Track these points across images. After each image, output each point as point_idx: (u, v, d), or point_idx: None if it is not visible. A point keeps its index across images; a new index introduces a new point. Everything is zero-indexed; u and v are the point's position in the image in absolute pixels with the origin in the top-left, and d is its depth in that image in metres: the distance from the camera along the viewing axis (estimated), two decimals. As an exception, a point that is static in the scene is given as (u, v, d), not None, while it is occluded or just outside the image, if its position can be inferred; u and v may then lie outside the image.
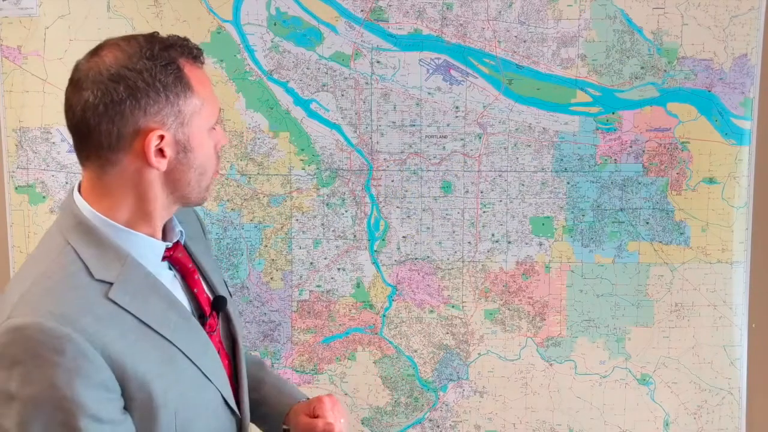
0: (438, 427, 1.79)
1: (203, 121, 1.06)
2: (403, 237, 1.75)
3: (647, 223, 1.73)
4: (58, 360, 0.92)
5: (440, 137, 1.72)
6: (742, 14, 1.67)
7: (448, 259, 1.75)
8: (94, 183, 1.04)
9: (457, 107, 1.71)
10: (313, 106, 1.71)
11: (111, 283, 1.00)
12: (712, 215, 1.72)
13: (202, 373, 1.09)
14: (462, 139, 1.72)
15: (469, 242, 1.75)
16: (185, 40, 1.07)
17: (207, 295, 1.19)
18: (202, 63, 1.09)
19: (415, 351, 1.77)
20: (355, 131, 1.72)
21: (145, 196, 1.05)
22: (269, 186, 1.73)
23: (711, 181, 1.72)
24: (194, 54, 1.06)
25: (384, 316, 1.76)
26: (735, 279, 1.74)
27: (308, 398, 1.34)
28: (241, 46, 1.69)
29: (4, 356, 0.93)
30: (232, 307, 1.25)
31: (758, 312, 1.76)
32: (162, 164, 1.02)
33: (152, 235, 1.08)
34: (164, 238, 1.12)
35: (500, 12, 1.69)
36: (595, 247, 1.74)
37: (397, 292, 1.76)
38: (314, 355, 1.78)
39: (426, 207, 1.74)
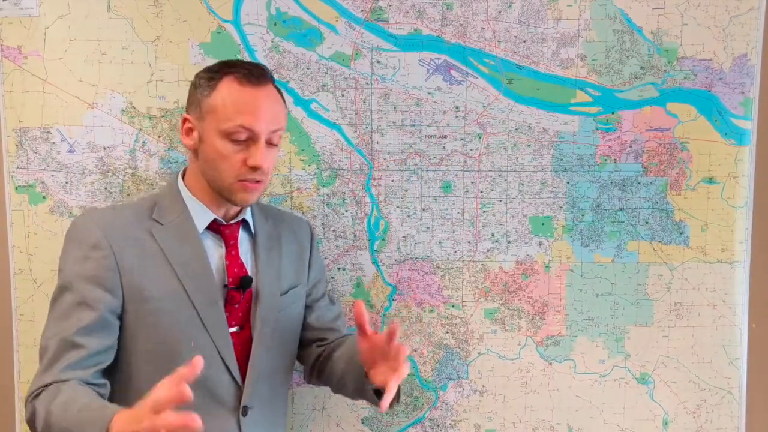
0: (438, 426, 1.79)
1: (215, 122, 1.32)
2: (403, 237, 1.75)
3: (647, 222, 1.74)
4: (86, 250, 1.32)
5: (440, 137, 1.72)
6: (741, 14, 1.67)
7: (448, 258, 1.75)
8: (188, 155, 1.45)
9: (457, 107, 1.71)
10: (313, 106, 1.71)
11: (161, 224, 1.37)
12: (711, 215, 1.73)
13: (202, 321, 1.35)
14: (462, 139, 1.72)
15: (469, 242, 1.75)
16: (252, 66, 1.37)
17: (240, 271, 1.41)
18: (252, 85, 1.33)
19: (415, 350, 1.77)
20: (355, 131, 1.72)
21: (195, 172, 1.39)
22: (269, 186, 1.73)
23: (711, 181, 1.72)
24: (243, 74, 1.33)
25: (384, 315, 1.76)
26: (735, 279, 1.74)
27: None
28: (242, 46, 1.69)
29: (67, 237, 1.37)
30: (272, 299, 1.46)
31: (758, 312, 1.77)
32: (187, 141, 1.37)
33: (208, 207, 1.39)
34: (229, 218, 1.43)
35: (500, 12, 1.69)
36: (595, 246, 1.74)
37: (397, 292, 1.76)
38: (314, 354, 1.78)
39: (426, 207, 1.74)
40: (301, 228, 1.60)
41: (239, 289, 1.40)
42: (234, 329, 1.40)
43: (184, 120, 1.37)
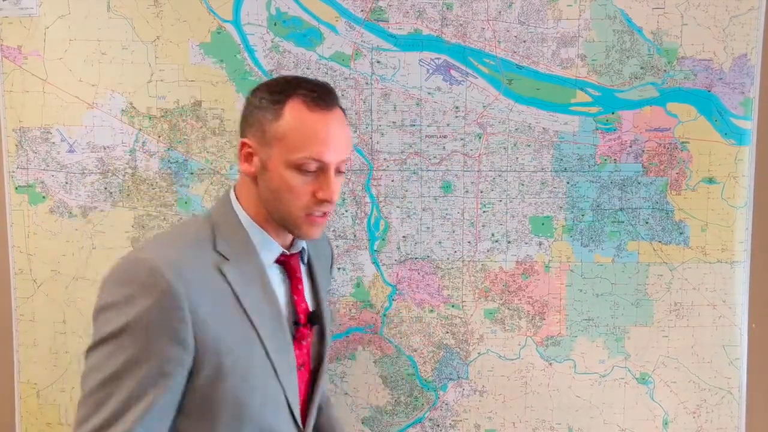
0: (438, 426, 1.79)
1: (283, 152, 1.18)
2: (403, 237, 1.75)
3: (647, 222, 1.73)
4: (156, 297, 1.08)
5: (440, 137, 1.72)
6: (741, 14, 1.67)
7: (448, 258, 1.75)
8: (239, 181, 1.27)
9: (457, 107, 1.71)
10: (313, 106, 1.71)
11: (227, 259, 1.18)
12: (711, 215, 1.73)
13: (273, 368, 1.20)
14: (462, 139, 1.72)
15: (469, 242, 1.75)
16: (318, 86, 1.21)
17: (307, 306, 1.31)
18: (321, 109, 1.19)
19: (415, 350, 1.77)
20: (355, 131, 1.72)
21: (253, 198, 1.24)
22: (269, 186, 1.73)
23: (711, 181, 1.72)
24: (312, 97, 1.18)
25: (384, 315, 1.76)
26: (735, 279, 1.74)
27: None
28: (242, 46, 1.69)
29: (121, 277, 1.12)
30: (327, 331, 1.37)
31: (758, 312, 1.77)
32: (246, 168, 1.22)
33: (274, 238, 1.25)
34: (288, 248, 1.28)
35: (500, 12, 1.69)
36: (595, 246, 1.74)
37: (397, 292, 1.76)
38: (314, 354, 1.78)
39: (426, 207, 1.74)
40: (325, 245, 1.51)
41: (307, 326, 1.29)
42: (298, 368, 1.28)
43: (243, 145, 1.21)
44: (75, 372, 1.77)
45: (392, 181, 1.73)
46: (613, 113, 1.71)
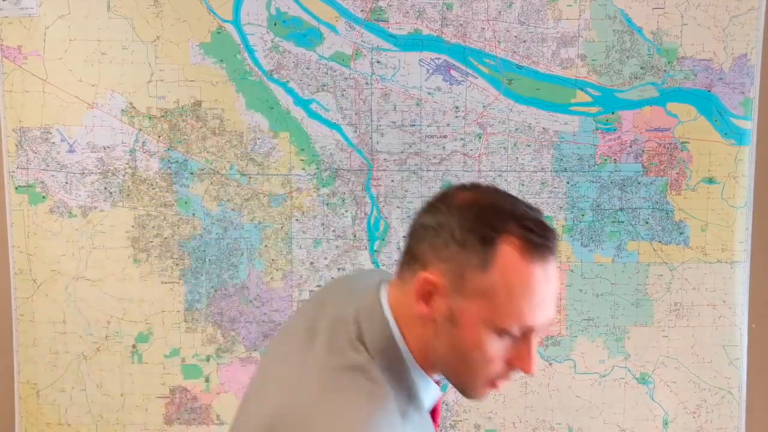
0: (438, 426, 1.79)
1: (487, 311, 0.91)
2: (403, 237, 1.75)
3: (647, 222, 1.73)
4: None
5: (440, 137, 1.72)
6: (741, 14, 1.67)
7: (448, 258, 1.75)
8: (399, 295, 0.97)
9: (457, 107, 1.71)
10: (313, 106, 1.71)
11: (404, 418, 0.95)
12: (711, 215, 1.73)
13: None
14: (462, 139, 1.72)
15: (469, 242, 1.74)
16: (536, 220, 0.92)
17: None
18: (541, 257, 0.91)
19: (415, 350, 1.77)
20: (355, 131, 1.72)
21: (422, 340, 0.96)
22: (269, 186, 1.73)
23: (711, 181, 1.72)
24: (529, 239, 0.90)
25: (384, 315, 1.76)
26: (735, 279, 1.74)
27: None
28: (242, 46, 1.69)
29: None
30: None
31: (758, 312, 1.77)
32: (421, 309, 0.94)
33: (432, 379, 1.01)
34: None
35: (500, 12, 1.69)
36: (595, 246, 1.74)
37: (397, 292, 1.76)
38: (314, 354, 1.77)
39: (426, 207, 1.74)
40: None
41: None
42: None
43: (426, 282, 0.92)
44: (75, 372, 1.77)
45: (392, 181, 1.73)
46: (613, 113, 1.71)
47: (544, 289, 0.91)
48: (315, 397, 0.91)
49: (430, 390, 1.00)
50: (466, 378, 0.96)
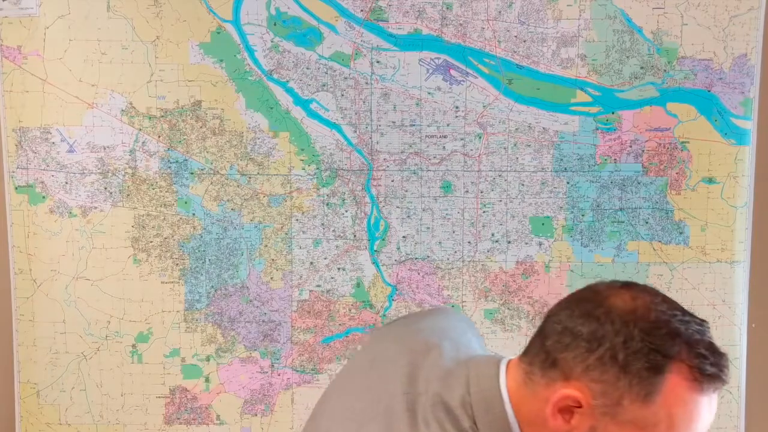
0: None
1: None
2: (403, 237, 1.75)
3: (647, 222, 1.73)
4: None
5: (440, 137, 1.72)
6: (741, 14, 1.67)
7: (448, 258, 1.75)
8: (522, 391, 0.89)
9: (457, 107, 1.71)
10: (313, 106, 1.71)
11: None
12: (711, 215, 1.72)
13: None
14: (462, 139, 1.72)
15: (469, 242, 1.75)
16: (713, 351, 0.84)
17: None
18: (712, 388, 0.83)
19: (415, 350, 1.77)
20: (355, 131, 1.72)
21: None
22: (269, 186, 1.73)
23: (711, 180, 1.72)
24: (705, 373, 0.81)
25: (384, 315, 1.76)
26: (735, 279, 1.74)
27: None
28: (241, 46, 1.69)
29: None
30: None
31: (758, 312, 1.77)
32: (558, 424, 0.85)
33: None
34: None
35: (500, 12, 1.69)
36: (595, 246, 1.74)
37: (397, 292, 1.76)
38: (314, 354, 1.78)
39: (426, 207, 1.74)
40: None
41: None
42: None
43: (571, 398, 0.84)
44: (75, 372, 1.77)
45: (392, 181, 1.73)
46: (613, 113, 1.71)
47: (707, 421, 0.84)
48: None
49: None
50: None
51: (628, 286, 0.89)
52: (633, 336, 0.81)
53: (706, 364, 0.81)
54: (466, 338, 1.06)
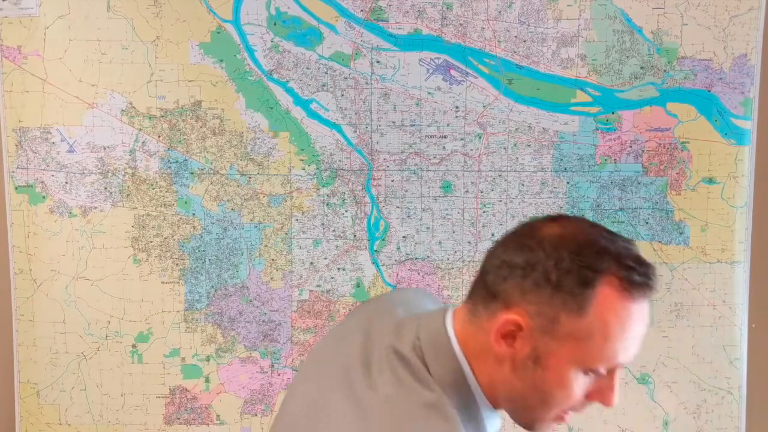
0: None
1: (578, 354, 0.87)
2: (403, 237, 1.75)
3: (647, 222, 1.73)
4: None
5: (440, 137, 1.72)
6: (741, 14, 1.67)
7: (448, 258, 1.75)
8: (467, 321, 0.94)
9: (457, 107, 1.71)
10: (313, 106, 1.71)
11: None
12: (711, 215, 1.72)
13: None
14: (462, 139, 1.72)
15: (469, 242, 1.75)
16: (643, 265, 0.88)
17: None
18: (641, 296, 0.88)
19: (415, 351, 1.77)
20: (355, 131, 1.72)
21: (494, 376, 0.93)
22: (269, 186, 1.73)
23: (711, 181, 1.72)
24: (631, 280, 0.86)
25: (384, 315, 1.76)
26: (735, 279, 1.74)
27: None
28: (241, 46, 1.69)
29: None
30: None
31: (758, 312, 1.77)
32: (501, 347, 0.90)
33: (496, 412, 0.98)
34: None
35: (500, 12, 1.69)
36: (595, 246, 1.74)
37: (397, 292, 1.76)
38: (314, 354, 1.77)
39: (426, 207, 1.74)
40: None
41: None
42: None
43: (508, 322, 0.89)
44: (75, 372, 1.77)
45: (392, 181, 1.73)
46: (613, 113, 1.71)
47: (641, 329, 0.88)
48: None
49: (496, 425, 0.98)
50: (539, 413, 0.93)
51: (561, 217, 0.93)
52: (563, 257, 0.86)
53: (634, 275, 0.86)
54: (422, 303, 1.09)
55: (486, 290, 0.92)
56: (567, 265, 0.86)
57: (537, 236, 0.89)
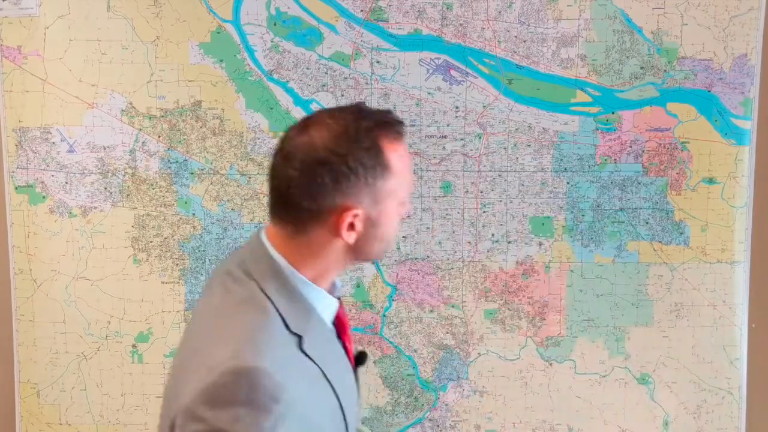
0: (438, 426, 1.79)
1: (398, 197, 1.08)
2: (403, 237, 1.75)
3: (647, 223, 1.73)
4: (273, 407, 0.94)
5: (440, 137, 1.72)
6: (741, 14, 1.67)
7: (448, 259, 1.75)
8: (284, 240, 1.07)
9: (457, 107, 1.71)
10: (313, 106, 1.71)
11: (301, 336, 1.04)
12: (711, 215, 1.72)
13: (346, 426, 1.11)
14: (462, 139, 1.72)
15: (469, 242, 1.75)
16: (388, 114, 1.08)
17: (352, 348, 1.21)
18: (403, 136, 1.08)
19: (415, 351, 1.77)
20: (355, 131, 1.72)
21: (328, 258, 1.08)
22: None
23: (711, 181, 1.72)
24: (396, 129, 1.07)
25: (384, 316, 1.76)
26: (735, 279, 1.74)
27: None
28: (241, 46, 1.69)
29: (224, 396, 0.94)
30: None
31: (758, 312, 1.77)
32: (351, 237, 1.05)
33: (329, 292, 1.12)
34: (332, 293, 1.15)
35: (500, 12, 1.69)
36: (595, 246, 1.74)
37: (397, 292, 1.76)
38: (314, 354, 1.78)
39: (426, 207, 1.74)
40: None
41: (357, 369, 1.22)
42: None
43: (344, 214, 1.03)
44: (75, 372, 1.77)
45: (392, 181, 1.73)
46: (613, 113, 1.71)
47: (409, 160, 1.11)
48: (212, 333, 1.02)
49: (325, 300, 1.10)
50: (384, 249, 1.12)
51: (306, 123, 1.06)
52: (344, 148, 1.02)
53: (393, 123, 1.06)
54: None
55: (295, 209, 1.04)
56: (354, 152, 1.02)
57: (304, 152, 1.03)
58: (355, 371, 1.19)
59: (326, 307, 1.11)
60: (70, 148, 1.72)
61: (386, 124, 1.06)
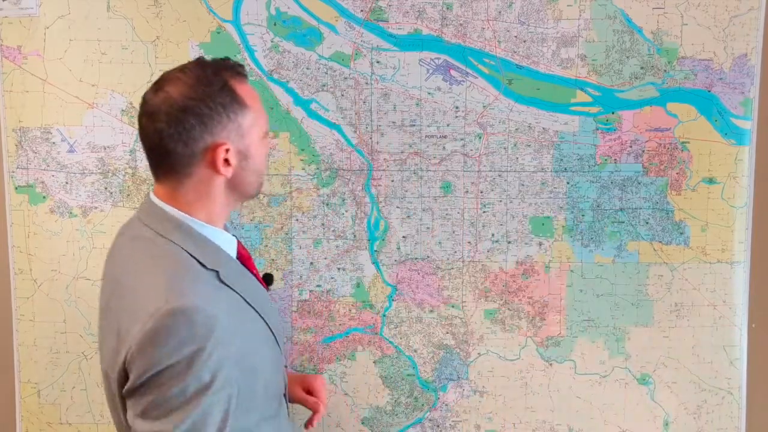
0: (438, 426, 1.79)
1: (259, 129, 1.22)
2: (403, 237, 1.75)
3: (647, 223, 1.73)
4: (210, 335, 1.09)
5: (440, 137, 1.72)
6: (741, 14, 1.67)
7: (447, 259, 1.75)
8: (171, 193, 1.20)
9: (457, 107, 1.71)
10: (313, 106, 1.71)
11: (217, 271, 1.18)
12: (711, 215, 1.72)
13: (276, 339, 1.30)
14: (462, 139, 1.72)
15: (469, 242, 1.75)
16: (227, 59, 1.22)
17: (257, 271, 1.38)
18: (246, 77, 1.22)
19: (415, 351, 1.77)
20: (355, 131, 1.72)
21: (216, 199, 1.21)
22: (269, 186, 1.73)
23: (711, 181, 1.72)
24: (239, 71, 1.21)
25: (384, 315, 1.76)
26: (735, 279, 1.74)
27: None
28: (241, 46, 1.69)
29: (168, 336, 1.07)
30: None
31: (758, 312, 1.77)
32: (228, 171, 1.18)
33: (224, 229, 1.26)
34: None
35: (500, 12, 1.69)
36: (595, 247, 1.74)
37: (397, 292, 1.76)
38: (314, 354, 1.78)
39: (426, 207, 1.74)
40: None
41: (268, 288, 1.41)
42: None
43: (218, 151, 1.16)
44: (75, 371, 1.77)
45: (392, 181, 1.73)
46: (613, 113, 1.71)
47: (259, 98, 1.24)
48: (140, 287, 1.13)
49: (224, 237, 1.24)
50: (260, 181, 1.26)
51: (162, 82, 1.17)
52: (203, 92, 1.14)
53: (234, 66, 1.20)
54: None
55: (174, 166, 1.16)
56: (212, 95, 1.15)
57: (165, 107, 1.13)
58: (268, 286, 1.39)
59: (227, 243, 1.25)
60: (71, 148, 1.72)
61: (229, 67, 1.19)
